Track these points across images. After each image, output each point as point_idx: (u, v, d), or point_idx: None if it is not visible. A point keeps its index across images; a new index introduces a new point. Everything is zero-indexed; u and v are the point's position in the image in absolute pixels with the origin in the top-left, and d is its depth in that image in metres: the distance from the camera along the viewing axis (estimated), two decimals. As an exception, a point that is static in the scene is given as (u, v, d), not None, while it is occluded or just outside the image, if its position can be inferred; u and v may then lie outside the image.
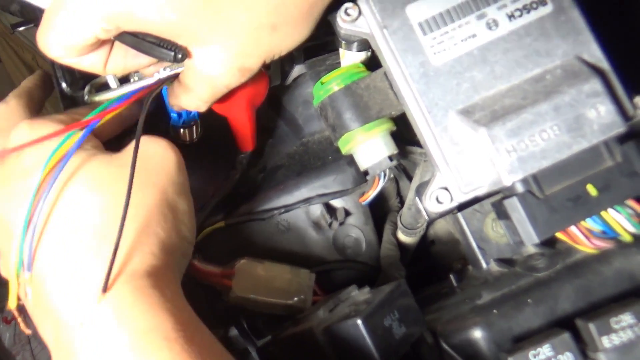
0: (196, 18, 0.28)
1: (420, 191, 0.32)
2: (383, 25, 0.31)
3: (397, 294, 0.31)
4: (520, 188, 0.29)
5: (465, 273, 0.42)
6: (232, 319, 0.40)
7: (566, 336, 0.28)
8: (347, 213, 0.45)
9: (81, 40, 0.29)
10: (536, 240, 0.28)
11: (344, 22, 0.32)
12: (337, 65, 0.42)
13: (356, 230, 0.45)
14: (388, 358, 0.28)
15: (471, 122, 0.29)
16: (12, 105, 0.36)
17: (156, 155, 0.31)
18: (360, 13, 0.32)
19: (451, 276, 0.39)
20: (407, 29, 0.31)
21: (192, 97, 0.34)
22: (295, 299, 0.38)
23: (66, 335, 0.26)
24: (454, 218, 0.41)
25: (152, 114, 0.42)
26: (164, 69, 0.38)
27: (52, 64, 0.43)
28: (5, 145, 0.31)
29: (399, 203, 0.52)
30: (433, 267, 0.50)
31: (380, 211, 0.50)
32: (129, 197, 0.26)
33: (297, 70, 0.50)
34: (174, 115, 0.46)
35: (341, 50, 0.42)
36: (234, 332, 0.42)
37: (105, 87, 0.41)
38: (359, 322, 0.28)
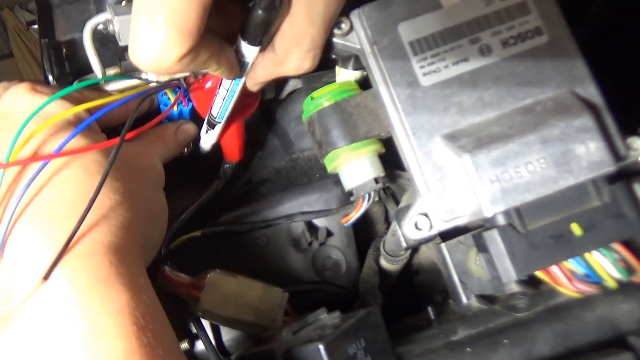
0: None
1: (399, 216, 0.31)
2: (373, 41, 0.30)
3: (366, 321, 0.29)
4: (501, 221, 0.27)
5: (445, 307, 0.40)
6: (199, 332, 0.39)
7: (539, 383, 0.26)
8: (329, 233, 0.44)
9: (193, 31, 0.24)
10: (514, 277, 0.27)
11: (334, 35, 0.31)
12: (333, 82, 0.42)
13: (337, 252, 0.44)
14: (348, 388, 0.27)
15: (455, 147, 0.28)
16: None
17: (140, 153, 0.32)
18: (352, 27, 0.31)
19: (429, 309, 0.38)
20: (398, 47, 0.30)
21: (299, 51, 0.30)
22: (265, 317, 0.37)
23: (10, 310, 0.25)
24: (438, 249, 0.39)
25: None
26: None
27: (42, 55, 0.43)
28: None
29: (385, 229, 0.50)
30: (414, 298, 0.48)
31: (366, 236, 0.49)
32: (106, 175, 0.27)
33: (292, 84, 0.49)
34: None
35: (337, 68, 0.41)
36: (198, 347, 0.40)
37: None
38: (321, 347, 0.26)
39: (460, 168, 0.28)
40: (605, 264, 0.27)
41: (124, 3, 0.45)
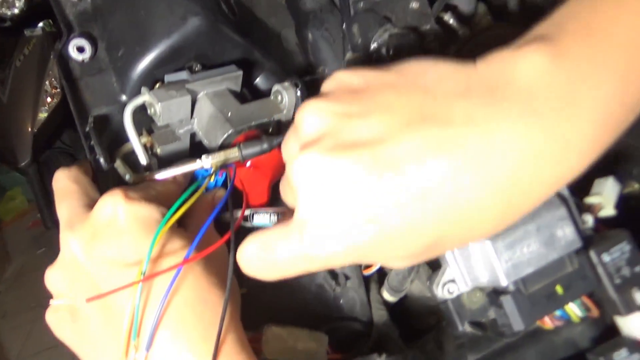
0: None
1: (432, 280, 0.41)
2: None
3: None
4: (511, 287, 0.39)
5: (440, 328, 0.52)
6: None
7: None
8: (347, 277, 0.53)
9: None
10: (522, 327, 0.38)
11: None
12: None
13: (352, 292, 0.53)
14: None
15: (479, 235, 0.39)
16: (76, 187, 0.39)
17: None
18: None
19: (430, 337, 0.49)
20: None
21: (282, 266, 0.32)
22: (315, 358, 0.45)
23: None
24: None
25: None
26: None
27: (86, 137, 0.45)
28: (93, 216, 0.35)
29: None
30: (407, 318, 0.60)
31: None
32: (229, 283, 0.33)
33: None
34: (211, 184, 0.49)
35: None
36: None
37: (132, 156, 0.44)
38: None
39: (483, 250, 0.39)
40: (574, 308, 0.41)
41: (157, 85, 0.48)
